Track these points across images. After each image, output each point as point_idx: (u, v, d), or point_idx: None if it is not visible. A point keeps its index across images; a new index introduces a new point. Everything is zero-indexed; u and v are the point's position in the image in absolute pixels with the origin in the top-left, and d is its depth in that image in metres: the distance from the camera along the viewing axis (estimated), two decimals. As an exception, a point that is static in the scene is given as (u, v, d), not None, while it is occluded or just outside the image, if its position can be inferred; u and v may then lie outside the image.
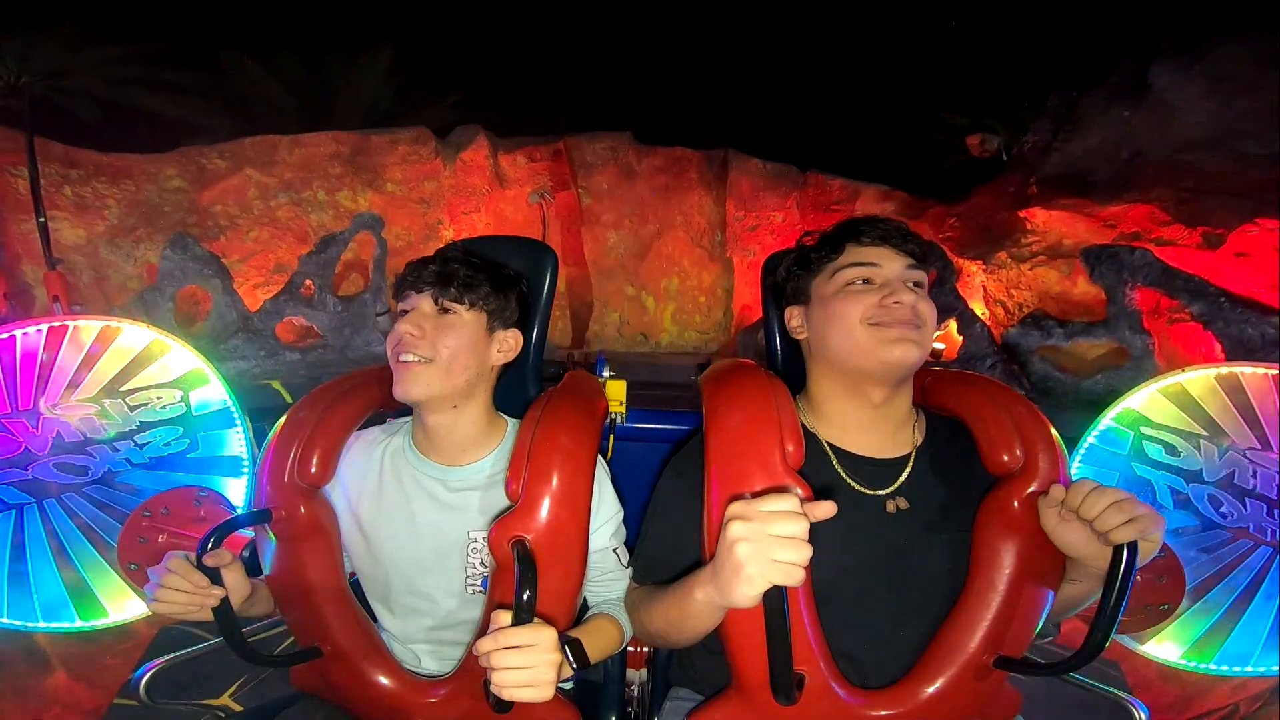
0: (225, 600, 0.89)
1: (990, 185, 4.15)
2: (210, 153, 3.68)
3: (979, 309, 3.64)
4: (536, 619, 0.78)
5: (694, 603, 0.80)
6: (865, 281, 0.93)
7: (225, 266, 3.02)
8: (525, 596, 0.77)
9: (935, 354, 3.52)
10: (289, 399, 2.56)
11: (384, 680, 0.98)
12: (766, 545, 0.66)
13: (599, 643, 0.95)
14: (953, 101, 6.11)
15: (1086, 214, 3.42)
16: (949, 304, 3.53)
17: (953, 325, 3.55)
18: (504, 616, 0.76)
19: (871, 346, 0.89)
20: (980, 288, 3.79)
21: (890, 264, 0.93)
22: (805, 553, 0.66)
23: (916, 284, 0.93)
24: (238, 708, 1.43)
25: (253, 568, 1.02)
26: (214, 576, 0.88)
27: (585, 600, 1.05)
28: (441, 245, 4.43)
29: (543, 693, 0.75)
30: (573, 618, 0.95)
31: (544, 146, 5.30)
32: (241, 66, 6.18)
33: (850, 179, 5.31)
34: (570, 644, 0.86)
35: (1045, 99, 4.02)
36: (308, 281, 3.18)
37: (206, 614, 0.89)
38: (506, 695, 0.74)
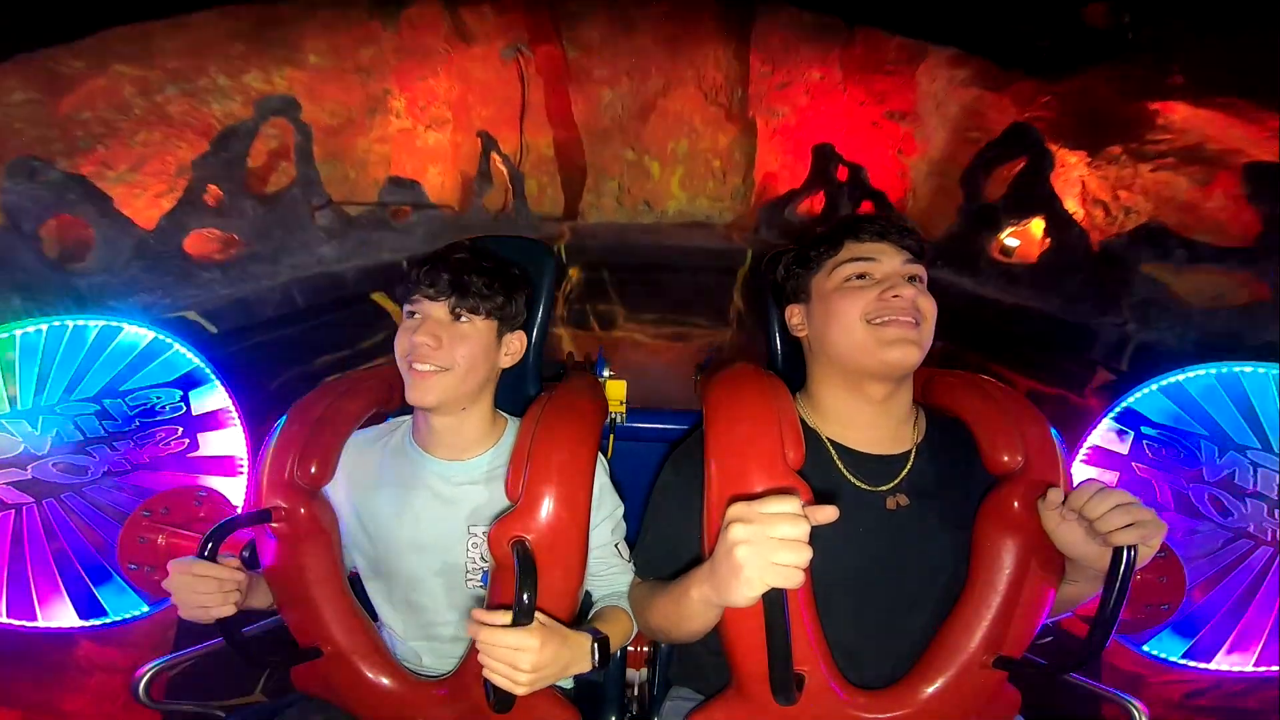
0: None
1: (1109, 66, 3.31)
2: (61, 54, 2.92)
3: (1072, 208, 2.91)
4: (537, 617, 0.79)
5: (690, 601, 0.81)
6: (864, 277, 0.93)
7: (95, 187, 2.40)
8: (525, 598, 0.78)
9: (1007, 250, 2.93)
10: (212, 328, 2.20)
11: (384, 680, 0.98)
12: (767, 548, 0.66)
13: (618, 638, 0.97)
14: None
15: (1251, 119, 2.69)
16: (1040, 197, 2.84)
17: (1037, 223, 2.89)
18: (504, 617, 0.77)
19: (871, 346, 0.89)
20: (1078, 183, 3.03)
21: (888, 259, 0.93)
22: (805, 556, 0.66)
23: (917, 279, 0.94)
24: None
25: (253, 567, 1.02)
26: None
27: (589, 594, 1.06)
28: (394, 118, 3.57)
29: (514, 689, 0.79)
30: (573, 617, 0.95)
31: (516, -7, 4.18)
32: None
33: (913, 38, 4.08)
34: (600, 642, 0.87)
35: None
36: (210, 187, 2.61)
37: (218, 613, 0.89)
38: (485, 673, 0.78)
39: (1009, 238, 2.96)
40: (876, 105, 4.22)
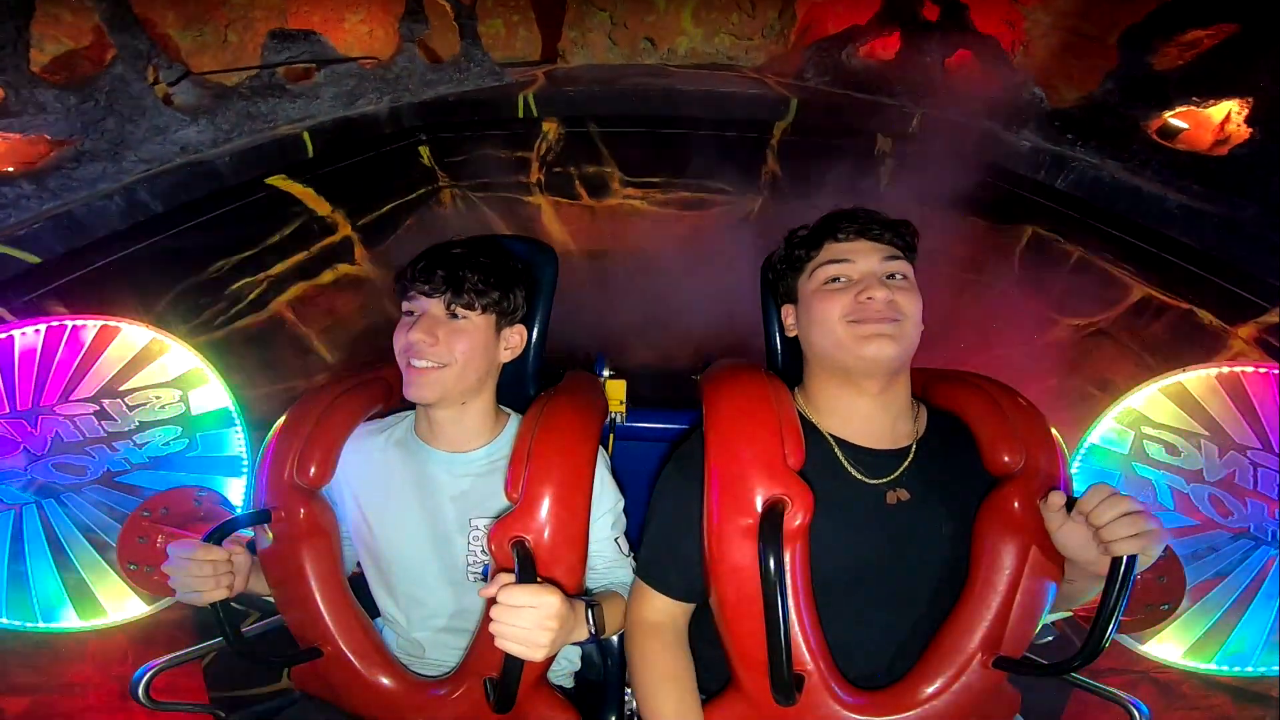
0: (223, 603, 0.90)
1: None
2: None
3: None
4: (543, 580, 0.81)
5: None
6: (842, 279, 0.94)
7: None
8: None
9: (1169, 132, 2.22)
10: (32, 259, 1.81)
11: (383, 680, 0.98)
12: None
13: (615, 617, 0.97)
14: None
15: None
16: (1247, 76, 1.99)
17: (1224, 107, 2.11)
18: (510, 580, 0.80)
19: (849, 342, 0.90)
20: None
21: (865, 259, 0.93)
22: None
23: (899, 275, 0.94)
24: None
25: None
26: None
27: (589, 590, 1.06)
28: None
29: (532, 654, 0.77)
30: None
31: None
32: None
33: None
34: (593, 608, 0.89)
35: None
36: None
37: (211, 596, 0.90)
38: (497, 643, 0.77)
39: (1175, 118, 2.27)
40: (984, -70, 3.16)
